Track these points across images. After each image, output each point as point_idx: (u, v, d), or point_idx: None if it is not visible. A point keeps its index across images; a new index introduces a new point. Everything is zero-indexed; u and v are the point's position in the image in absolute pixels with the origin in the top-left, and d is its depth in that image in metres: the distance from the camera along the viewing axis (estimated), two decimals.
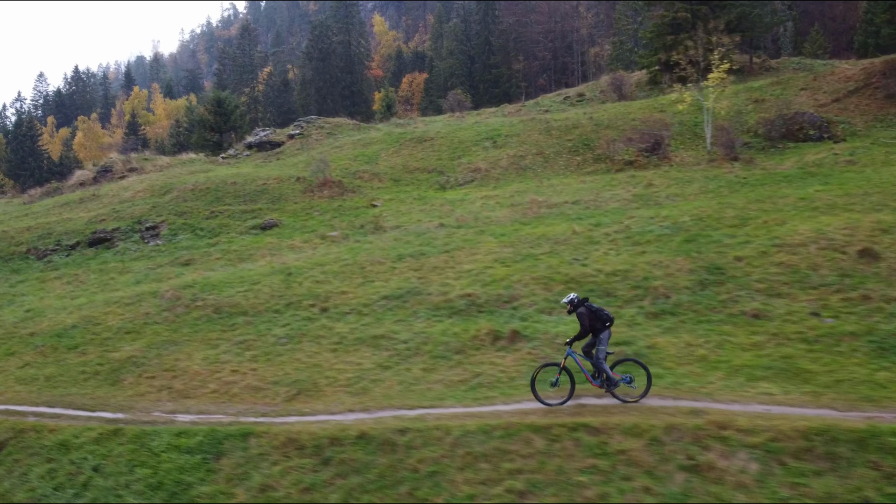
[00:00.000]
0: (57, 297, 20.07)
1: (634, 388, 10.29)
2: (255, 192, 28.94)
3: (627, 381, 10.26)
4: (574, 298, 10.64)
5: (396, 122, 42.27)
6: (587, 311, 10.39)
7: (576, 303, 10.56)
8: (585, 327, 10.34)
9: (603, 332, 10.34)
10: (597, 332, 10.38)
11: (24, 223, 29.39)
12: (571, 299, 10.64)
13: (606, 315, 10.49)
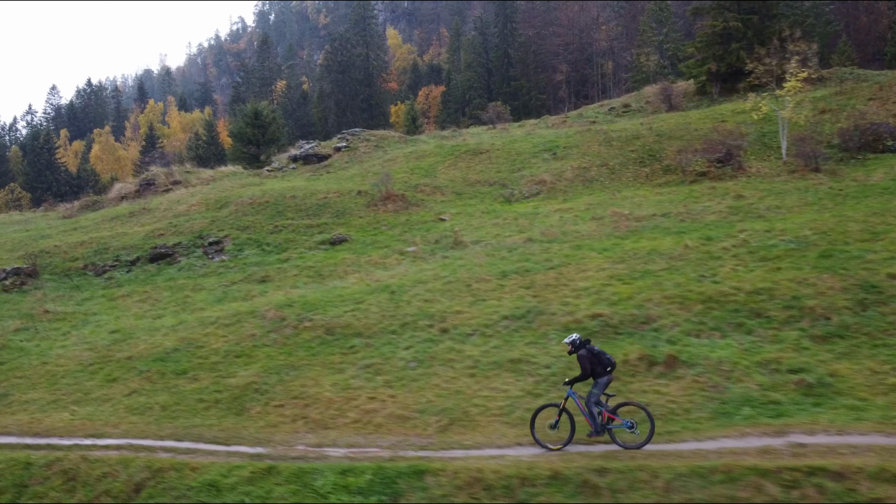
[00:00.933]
0: (135, 316, 19.15)
1: (637, 433, 9.91)
2: (317, 206, 28.09)
3: (628, 426, 9.90)
4: (576, 339, 10.44)
5: (441, 135, 41.51)
6: (588, 354, 10.19)
7: (577, 344, 10.36)
8: (587, 370, 10.15)
9: (603, 376, 10.13)
10: (597, 376, 10.17)
11: (75, 238, 28.51)
12: (573, 340, 10.44)
13: (608, 360, 10.26)
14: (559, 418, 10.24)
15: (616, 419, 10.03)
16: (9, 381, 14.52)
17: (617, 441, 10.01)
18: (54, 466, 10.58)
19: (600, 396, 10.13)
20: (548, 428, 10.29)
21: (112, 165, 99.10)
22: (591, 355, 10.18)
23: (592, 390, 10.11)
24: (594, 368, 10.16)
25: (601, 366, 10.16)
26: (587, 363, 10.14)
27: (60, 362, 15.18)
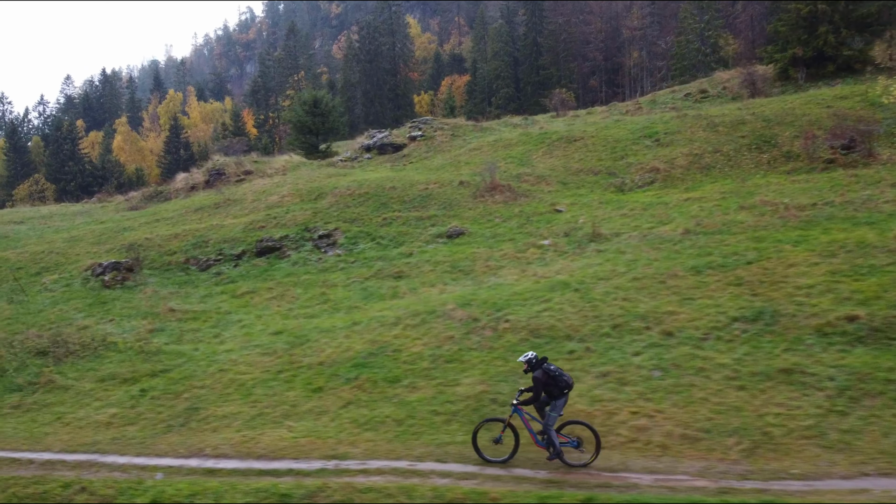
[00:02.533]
0: (281, 315, 17.58)
1: (583, 451, 9.70)
2: (421, 197, 26.51)
3: (575, 446, 9.69)
4: (532, 358, 9.86)
5: (511, 122, 39.87)
6: (544, 375, 9.62)
7: (533, 363, 9.79)
8: (539, 391, 9.65)
9: (560, 398, 9.65)
10: (553, 397, 9.65)
11: (164, 230, 26.86)
12: (529, 359, 9.87)
13: (566, 381, 9.71)
14: (503, 433, 9.91)
15: (561, 437, 9.73)
16: (189, 391, 12.95)
17: (563, 460, 9.66)
18: (318, 498, 9.06)
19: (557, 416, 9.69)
20: (491, 442, 9.95)
21: (134, 156, 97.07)
22: (548, 377, 9.62)
23: (550, 413, 9.63)
24: (550, 390, 9.64)
25: (557, 387, 9.62)
26: (541, 385, 9.60)
27: (240, 369, 13.61)
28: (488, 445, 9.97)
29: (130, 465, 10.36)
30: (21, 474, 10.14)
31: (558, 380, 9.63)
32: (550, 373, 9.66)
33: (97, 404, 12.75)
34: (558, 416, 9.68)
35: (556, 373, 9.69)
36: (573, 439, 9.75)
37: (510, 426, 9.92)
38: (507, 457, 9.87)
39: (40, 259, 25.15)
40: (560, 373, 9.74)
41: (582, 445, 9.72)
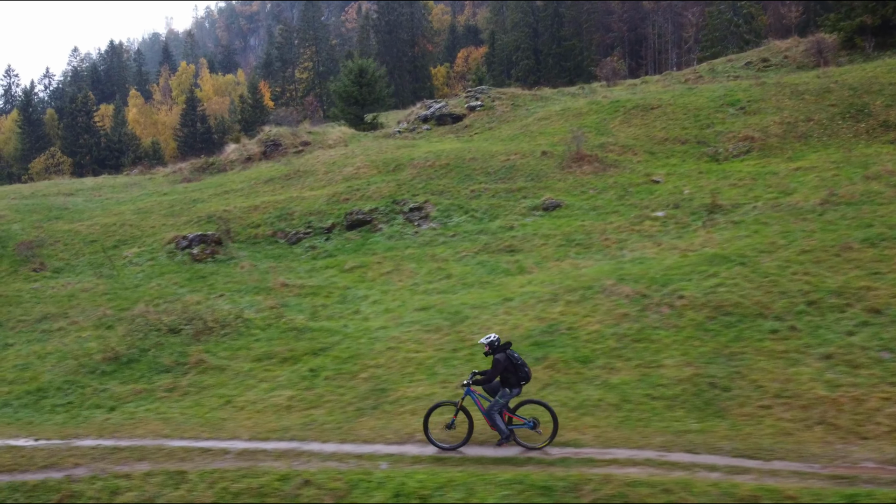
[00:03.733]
0: (408, 290, 16.43)
1: (539, 433, 9.28)
2: (504, 169, 25.26)
3: (531, 426, 9.25)
4: (495, 341, 9.35)
5: (568, 92, 38.44)
6: (505, 360, 9.14)
7: (496, 346, 9.30)
8: (497, 373, 9.13)
9: (515, 388, 9.21)
10: (509, 385, 9.17)
11: (240, 202, 25.55)
12: (492, 341, 9.36)
13: (526, 373, 9.26)
14: (456, 417, 9.44)
15: (517, 419, 9.30)
16: (365, 370, 11.79)
17: (518, 441, 9.30)
18: (583, 491, 7.99)
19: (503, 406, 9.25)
20: (443, 427, 9.46)
21: (150, 130, 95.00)
22: (511, 363, 9.13)
23: (498, 399, 9.18)
24: (507, 377, 9.13)
25: (516, 376, 9.16)
26: (501, 368, 9.09)
27: (410, 347, 12.48)
28: (440, 431, 9.45)
29: (342, 454, 9.29)
30: (223, 466, 9.06)
31: (519, 369, 9.17)
32: (514, 360, 9.19)
33: (265, 386, 11.65)
34: (504, 405, 9.24)
35: (518, 361, 9.22)
36: (529, 420, 9.29)
37: (463, 410, 9.43)
38: (461, 442, 9.41)
39: (113, 232, 23.87)
40: (522, 363, 9.27)
41: (538, 426, 9.26)
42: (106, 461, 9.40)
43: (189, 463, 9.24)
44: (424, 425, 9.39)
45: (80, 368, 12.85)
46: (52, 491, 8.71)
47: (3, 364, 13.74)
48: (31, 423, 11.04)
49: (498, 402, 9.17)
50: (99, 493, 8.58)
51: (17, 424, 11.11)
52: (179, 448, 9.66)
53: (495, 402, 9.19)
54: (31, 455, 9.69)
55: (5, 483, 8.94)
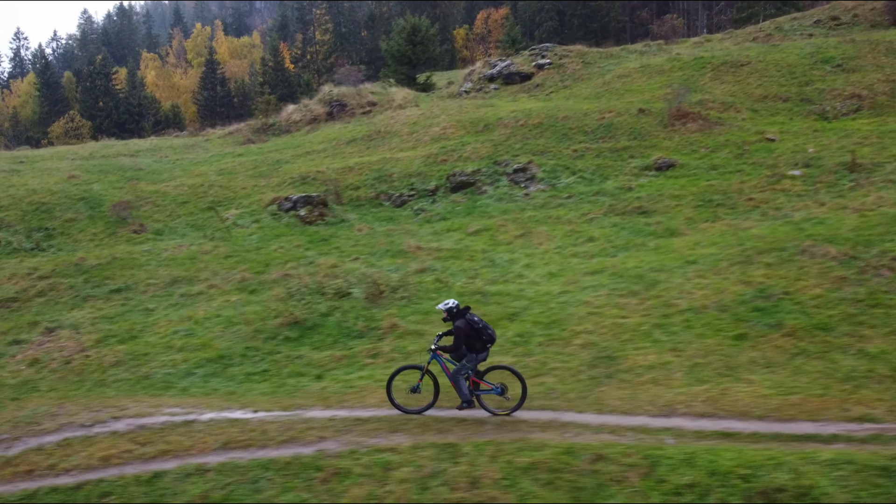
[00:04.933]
0: (558, 254, 15.54)
1: (508, 399, 9.02)
2: (602, 127, 24.18)
3: (499, 392, 8.98)
4: (453, 306, 8.95)
5: (637, 50, 37.01)
6: (466, 326, 8.75)
7: (454, 312, 8.91)
8: (461, 342, 8.76)
9: (481, 352, 8.88)
10: (473, 350, 8.85)
11: (330, 164, 24.49)
12: (449, 307, 8.96)
13: (490, 334, 8.90)
14: (421, 381, 9.14)
15: (484, 384, 9.03)
16: (577, 336, 10.84)
17: (486, 407, 9.07)
18: None
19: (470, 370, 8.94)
20: (408, 392, 9.19)
21: (168, 93, 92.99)
22: (471, 328, 8.77)
23: (465, 364, 8.87)
24: (472, 342, 8.80)
25: (480, 340, 8.83)
26: (463, 335, 8.72)
27: (612, 312, 11.60)
28: (405, 396, 9.21)
29: (611, 426, 8.50)
30: (491, 438, 8.28)
31: (482, 332, 8.82)
32: (474, 324, 8.81)
33: None
34: (472, 370, 8.94)
35: (480, 325, 8.85)
36: (497, 386, 9.04)
37: (429, 373, 9.16)
38: (426, 406, 9.21)
39: (203, 193, 22.86)
40: (484, 325, 8.89)
41: (506, 392, 9.01)
42: (353, 433, 8.62)
43: (450, 434, 8.48)
44: (388, 389, 9.17)
45: (257, 334, 12.03)
46: (312, 468, 7.93)
47: (158, 330, 12.91)
48: (233, 394, 10.24)
49: (465, 366, 8.89)
50: (369, 470, 7.82)
51: (217, 395, 10.32)
52: (430, 418, 8.85)
53: (461, 366, 8.90)
54: (261, 429, 8.91)
55: (251, 461, 8.17)
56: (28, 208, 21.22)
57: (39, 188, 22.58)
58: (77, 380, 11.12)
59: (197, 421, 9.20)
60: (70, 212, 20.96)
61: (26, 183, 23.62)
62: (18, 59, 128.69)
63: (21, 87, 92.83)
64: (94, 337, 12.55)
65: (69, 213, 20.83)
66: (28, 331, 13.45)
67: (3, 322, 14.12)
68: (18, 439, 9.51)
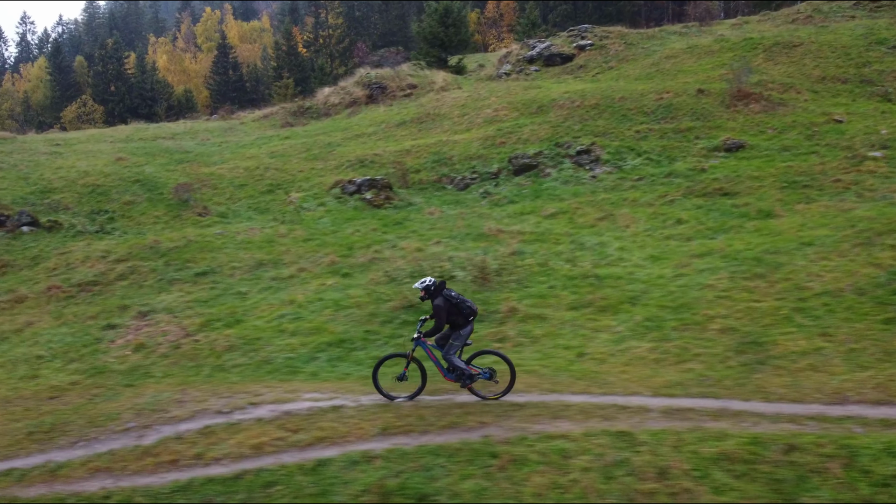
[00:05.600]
0: (650, 237, 15.06)
1: (496, 382, 8.87)
2: (661, 108, 23.61)
3: (487, 377, 8.81)
4: (430, 284, 8.63)
5: (674, 31, 36.36)
6: (445, 303, 8.48)
7: (432, 290, 8.59)
8: (443, 320, 8.49)
9: (465, 326, 8.63)
10: (456, 327, 8.62)
11: (384, 146, 23.95)
12: (427, 285, 8.63)
13: (469, 307, 8.66)
14: (407, 369, 8.91)
15: (472, 369, 8.80)
16: (712, 321, 10.40)
17: (475, 392, 8.90)
18: None
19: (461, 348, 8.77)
20: (395, 380, 8.99)
21: (180, 77, 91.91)
22: (450, 304, 8.51)
23: (453, 342, 8.66)
24: (454, 318, 8.54)
25: (462, 315, 8.58)
26: (444, 312, 8.45)
27: (742, 296, 11.04)
28: (392, 383, 9.01)
29: (786, 415, 8.11)
30: (665, 426, 7.88)
31: (461, 306, 8.57)
32: (452, 299, 8.55)
33: (606, 337, 10.33)
34: (462, 346, 8.74)
35: (457, 299, 8.60)
36: (485, 371, 8.84)
37: (414, 360, 8.93)
38: (414, 393, 9.04)
39: (259, 175, 22.35)
40: (462, 299, 8.66)
41: (495, 376, 8.85)
42: (513, 419, 8.21)
43: (617, 421, 8.07)
44: (374, 377, 9.00)
45: (372, 318, 11.57)
46: (485, 455, 7.48)
47: (261, 314, 12.45)
48: (367, 378, 9.79)
49: (453, 344, 8.70)
50: (546, 457, 7.42)
51: (351, 379, 9.80)
52: (589, 404, 8.44)
53: (450, 345, 8.69)
54: (416, 414, 8.45)
55: (418, 448, 7.72)
56: (83, 190, 20.71)
57: (91, 170, 22.05)
58: (193, 365, 10.68)
59: (345, 406, 8.77)
60: (127, 194, 20.45)
61: (73, 165, 23.08)
62: (25, 44, 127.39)
63: (31, 72, 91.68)
64: (197, 321, 12.10)
65: (126, 196, 20.32)
66: (119, 315, 12.99)
67: (89, 306, 13.67)
68: (149, 427, 9.09)
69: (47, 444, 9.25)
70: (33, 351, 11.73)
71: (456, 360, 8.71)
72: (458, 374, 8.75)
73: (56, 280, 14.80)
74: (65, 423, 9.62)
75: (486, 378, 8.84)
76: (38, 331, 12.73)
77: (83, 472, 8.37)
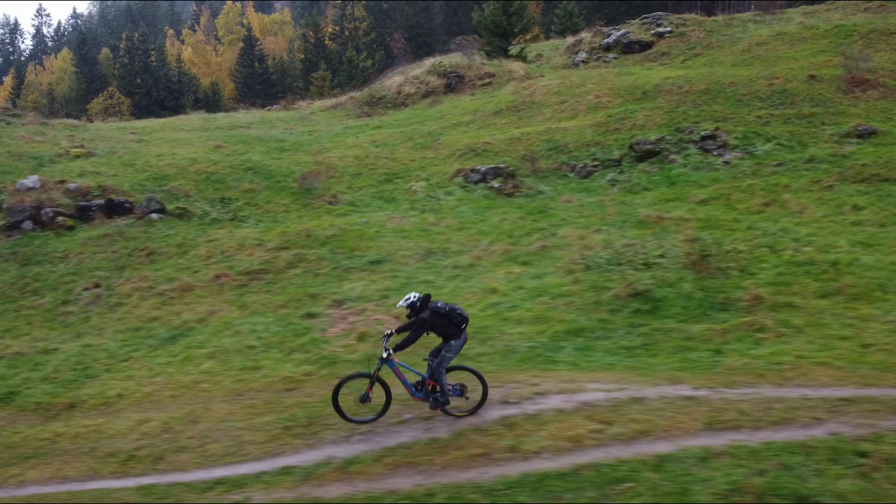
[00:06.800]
0: (835, 223, 14.53)
1: (466, 399, 8.41)
2: (776, 94, 22.99)
3: (458, 394, 8.38)
4: (416, 300, 8.16)
5: (748, 19, 35.72)
6: (432, 315, 8.00)
7: (417, 305, 8.12)
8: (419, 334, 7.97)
9: (458, 337, 8.15)
10: (449, 338, 8.13)
11: (489, 135, 23.37)
12: (412, 301, 8.17)
13: (461, 315, 8.15)
14: (370, 389, 8.32)
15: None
16: None
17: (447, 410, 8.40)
18: None
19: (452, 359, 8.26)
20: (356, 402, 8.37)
21: (204, 70, 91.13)
22: (438, 316, 8.01)
23: (446, 354, 8.18)
24: (446, 330, 8.06)
25: (453, 325, 8.05)
26: (428, 325, 7.96)
27: None
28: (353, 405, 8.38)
29: None
30: None
31: (451, 315, 8.06)
32: (439, 311, 8.04)
33: (878, 326, 9.76)
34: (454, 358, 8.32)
35: (445, 309, 8.07)
36: (456, 387, 8.38)
37: (379, 380, 8.35)
38: (378, 415, 8.45)
39: (370, 165, 21.75)
40: (451, 307, 8.16)
41: (465, 392, 8.40)
42: (849, 415, 7.68)
43: None
44: (334, 399, 8.31)
45: (598, 307, 11.04)
46: (849, 454, 6.96)
47: (470, 302, 11.89)
48: (635, 368, 9.27)
49: (446, 356, 8.23)
50: None
51: (617, 369, 9.25)
52: None
53: (444, 356, 8.22)
54: (734, 408, 7.92)
55: (762, 445, 7.19)
56: (197, 178, 20.13)
57: (198, 157, 21.49)
58: None
59: (647, 398, 8.26)
60: (244, 182, 19.87)
61: (173, 152, 22.50)
62: (40, 37, 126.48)
63: (55, 64, 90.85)
64: (405, 310, 11.56)
65: (244, 184, 19.74)
66: (311, 303, 12.46)
67: (268, 294, 13.13)
68: (431, 419, 8.60)
69: (312, 439, 8.74)
70: (242, 341, 11.20)
71: (443, 378, 8.25)
72: (436, 395, 8.27)
73: (217, 268, 14.25)
74: (320, 415, 9.12)
75: (457, 395, 8.40)
76: (226, 320, 12.20)
77: (381, 469, 7.86)
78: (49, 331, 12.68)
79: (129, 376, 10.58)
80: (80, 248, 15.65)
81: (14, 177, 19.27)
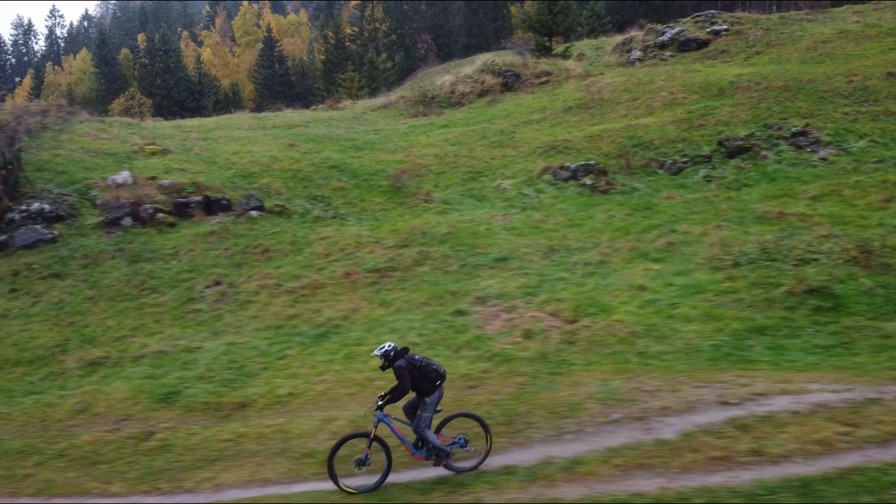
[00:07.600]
0: None
1: (470, 451, 7.81)
2: (857, 91, 22.71)
3: (461, 445, 7.80)
4: (390, 350, 7.62)
5: (800, 18, 35.41)
6: (408, 366, 7.53)
7: (391, 356, 7.60)
8: (406, 385, 7.48)
9: (433, 392, 7.62)
10: (424, 393, 7.62)
11: (565, 132, 23.05)
12: (386, 351, 7.63)
13: (436, 371, 7.63)
14: (369, 450, 7.56)
15: (443, 438, 7.75)
16: None
17: (451, 466, 7.74)
18: None
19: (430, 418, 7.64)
20: (354, 466, 7.57)
21: (224, 71, 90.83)
22: (413, 368, 7.54)
23: (422, 413, 7.61)
24: (419, 385, 7.55)
25: (428, 380, 7.58)
26: (407, 373, 7.44)
27: None
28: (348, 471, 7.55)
29: None
30: None
31: (426, 370, 7.59)
32: (416, 363, 7.58)
33: None
34: (433, 415, 7.67)
35: (421, 363, 7.63)
36: (458, 438, 7.81)
37: (377, 440, 7.59)
38: (378, 481, 7.60)
39: (450, 163, 21.42)
40: (427, 362, 7.69)
41: (469, 444, 7.82)
42: None
43: None
44: (329, 463, 7.50)
45: (772, 304, 10.70)
46: None
47: (619, 300, 11.57)
48: (844, 368, 8.86)
49: (423, 416, 7.63)
50: None
51: (823, 368, 8.94)
52: None
53: (420, 418, 7.62)
54: None
55: None
56: (283, 175, 19.84)
57: (280, 156, 21.18)
58: (609, 353, 9.81)
59: (883, 399, 7.93)
60: (332, 180, 19.57)
61: (249, 150, 22.20)
62: (53, 38, 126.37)
63: (75, 64, 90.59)
64: (562, 307, 11.25)
65: (334, 182, 19.44)
66: (454, 301, 12.13)
67: (404, 292, 12.81)
68: (645, 419, 8.26)
69: (518, 437, 8.44)
70: (403, 338, 10.86)
71: (430, 435, 7.66)
72: (429, 450, 7.66)
73: (343, 266, 13.92)
74: (518, 414, 8.79)
75: (460, 447, 7.79)
76: (372, 317, 11.88)
77: (612, 470, 7.53)
78: (182, 329, 12.35)
79: (293, 374, 10.24)
80: (189, 245, 15.33)
81: (98, 173, 18.97)
